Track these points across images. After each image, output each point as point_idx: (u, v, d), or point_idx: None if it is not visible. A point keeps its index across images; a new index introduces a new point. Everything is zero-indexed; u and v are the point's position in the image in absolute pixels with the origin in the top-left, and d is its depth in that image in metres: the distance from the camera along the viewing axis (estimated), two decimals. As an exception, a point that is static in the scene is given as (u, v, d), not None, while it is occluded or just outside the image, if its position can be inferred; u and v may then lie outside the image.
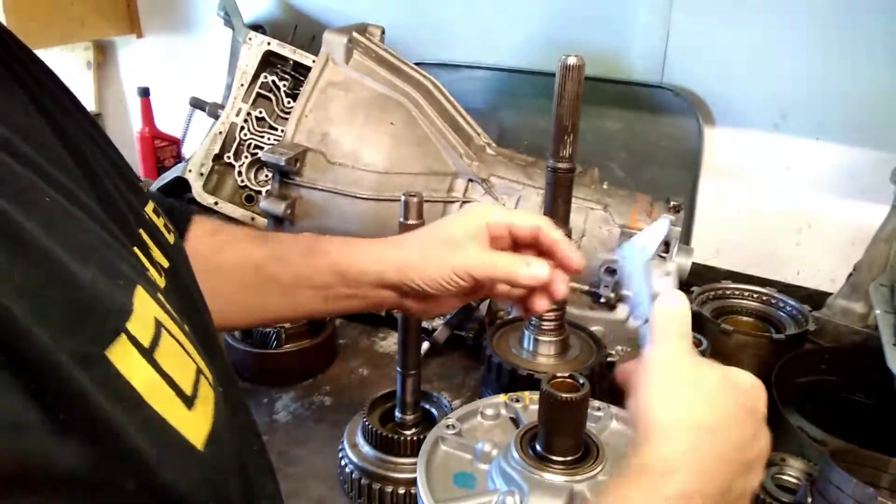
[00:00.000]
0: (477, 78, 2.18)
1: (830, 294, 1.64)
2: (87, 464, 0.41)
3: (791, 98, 1.84)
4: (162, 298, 0.52)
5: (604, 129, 2.05)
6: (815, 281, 1.79)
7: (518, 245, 0.97)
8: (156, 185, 2.24)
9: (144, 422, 0.45)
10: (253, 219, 2.06)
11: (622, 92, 2.01)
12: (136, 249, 0.60)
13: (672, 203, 1.58)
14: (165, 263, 0.66)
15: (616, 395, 1.35)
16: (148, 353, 0.47)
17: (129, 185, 0.68)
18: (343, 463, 1.18)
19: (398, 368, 1.16)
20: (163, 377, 0.47)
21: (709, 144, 1.95)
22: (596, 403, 1.12)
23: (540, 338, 1.39)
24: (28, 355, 0.39)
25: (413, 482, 1.13)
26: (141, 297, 0.49)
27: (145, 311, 0.48)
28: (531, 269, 0.90)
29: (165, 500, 0.45)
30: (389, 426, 1.22)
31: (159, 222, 0.71)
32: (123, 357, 0.45)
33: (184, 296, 0.66)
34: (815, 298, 1.66)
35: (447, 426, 1.08)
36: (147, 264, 0.61)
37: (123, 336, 0.45)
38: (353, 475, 1.16)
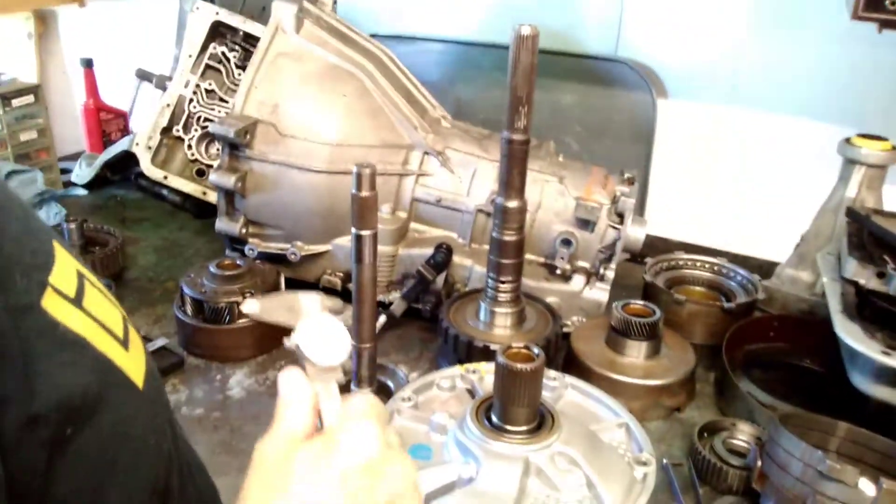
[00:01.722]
0: (433, 51, 2.16)
1: (779, 264, 1.67)
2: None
3: (742, 71, 1.86)
4: (75, 253, 0.55)
5: (559, 103, 2.05)
6: (764, 251, 1.83)
7: None
8: (102, 158, 2.18)
9: (94, 361, 0.48)
10: (204, 193, 2.01)
11: (577, 65, 2.00)
12: None
13: (626, 175, 1.59)
14: None
15: (571, 365, 1.36)
16: (76, 302, 0.49)
17: None
18: (298, 438, 1.17)
19: (353, 342, 1.15)
20: (96, 322, 0.50)
21: (662, 117, 1.96)
22: (551, 373, 1.13)
23: (496, 309, 1.39)
24: None
25: (369, 455, 1.13)
26: (60, 252, 0.51)
27: (66, 265, 0.51)
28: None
29: (111, 437, 0.48)
30: (345, 400, 1.20)
31: None
32: (56, 307, 0.47)
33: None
34: (765, 268, 1.69)
35: (403, 398, 1.08)
36: None
37: (50, 289, 0.47)
38: (309, 450, 1.14)
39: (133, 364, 0.52)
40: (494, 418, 0.97)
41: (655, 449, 1.03)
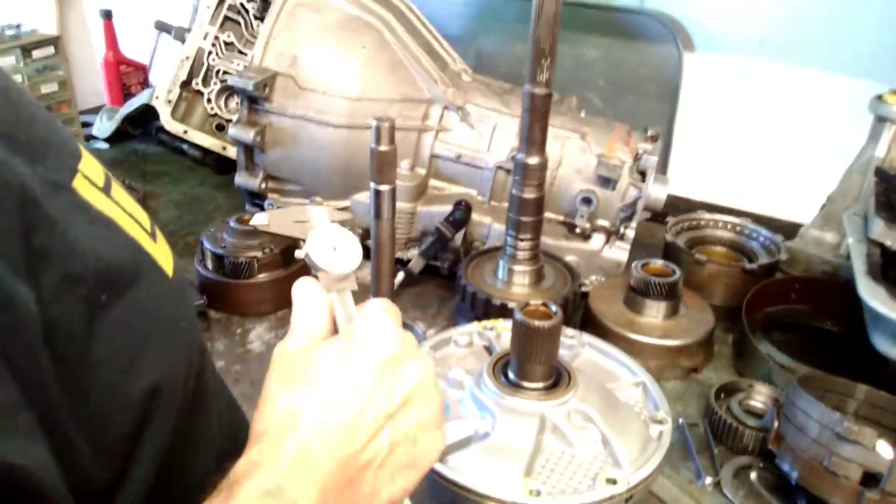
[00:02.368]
0: (455, 2, 2.12)
1: (803, 225, 1.64)
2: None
3: (771, 24, 1.80)
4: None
5: (582, 58, 2.01)
6: (788, 212, 1.80)
7: None
8: (122, 112, 2.18)
9: (125, 241, 0.51)
10: (224, 148, 2.01)
11: (602, 18, 1.96)
12: None
13: (649, 132, 1.56)
14: None
15: (588, 324, 1.36)
16: (105, 191, 0.52)
17: None
18: (316, 391, 1.18)
19: (371, 297, 1.15)
20: (124, 212, 0.53)
21: (688, 72, 1.91)
22: (569, 331, 1.13)
23: (514, 267, 1.38)
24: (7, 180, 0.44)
25: (386, 409, 1.14)
26: (85, 153, 0.54)
27: (93, 161, 0.54)
28: None
29: (142, 311, 0.51)
30: (363, 355, 1.21)
31: None
32: (87, 190, 0.50)
33: None
34: (788, 229, 1.67)
35: (420, 354, 1.08)
36: None
37: (80, 174, 0.50)
38: (327, 403, 1.16)
39: (161, 254, 0.55)
40: (511, 375, 0.97)
41: (672, 409, 1.02)
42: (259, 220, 0.72)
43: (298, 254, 0.69)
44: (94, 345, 0.47)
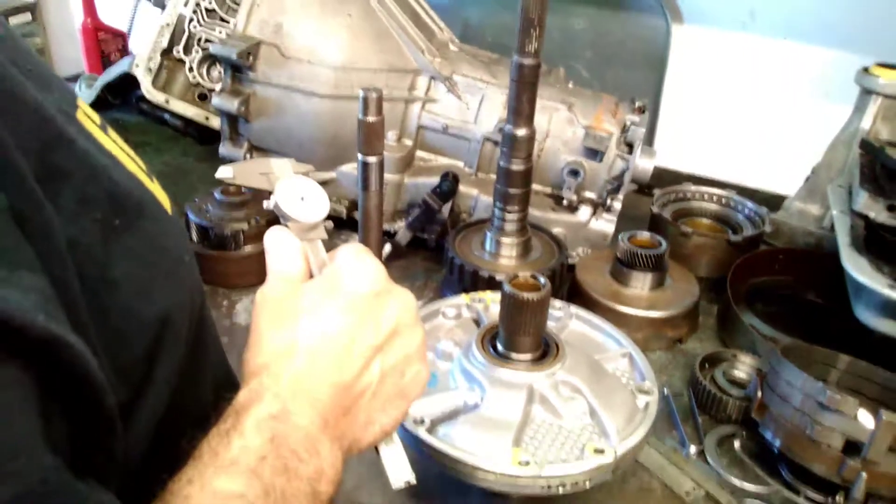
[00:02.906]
0: (440, -30, 2.08)
1: (787, 197, 1.66)
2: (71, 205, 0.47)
3: (760, -4, 1.80)
4: None
5: (569, 28, 1.99)
6: (773, 184, 1.81)
7: None
8: (102, 80, 2.13)
9: (128, 176, 0.53)
10: (207, 118, 1.97)
11: (590, -13, 1.94)
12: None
13: (637, 104, 1.56)
14: None
15: (575, 296, 1.37)
16: (102, 128, 0.54)
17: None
18: (304, 363, 1.18)
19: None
20: (121, 149, 0.55)
21: (676, 44, 1.91)
22: (556, 303, 1.14)
23: (502, 239, 1.38)
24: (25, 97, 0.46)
25: (375, 381, 1.14)
26: (81, 103, 0.56)
27: (88, 109, 0.56)
28: None
29: (153, 241, 0.53)
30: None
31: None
32: (89, 124, 0.52)
33: None
34: (773, 201, 1.68)
35: (409, 326, 1.08)
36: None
37: (81, 110, 0.52)
38: (315, 375, 1.16)
39: (159, 192, 0.57)
40: (500, 346, 0.97)
41: (657, 379, 1.04)
42: (223, 172, 0.71)
43: (267, 204, 0.69)
44: (112, 266, 0.48)
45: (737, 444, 1.13)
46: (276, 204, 0.68)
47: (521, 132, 1.29)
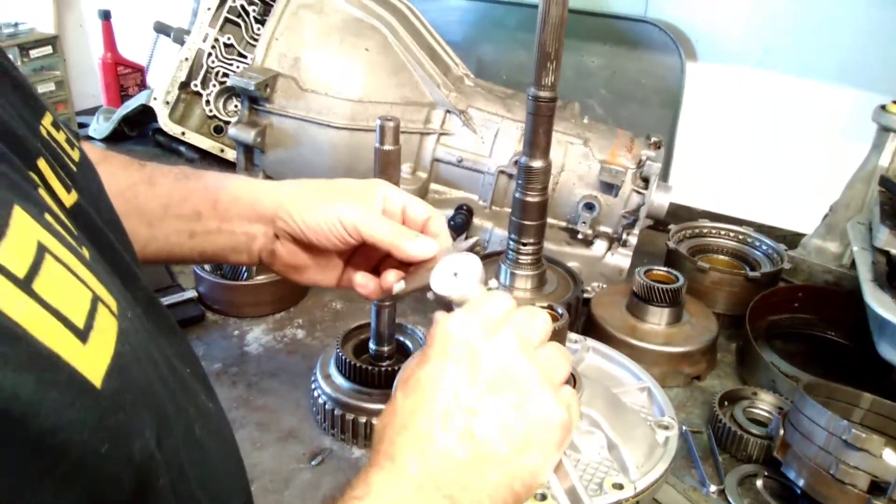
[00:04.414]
0: (457, 8, 2.11)
1: (805, 234, 1.64)
2: None
3: (775, 33, 1.80)
4: (51, 220, 0.46)
5: (584, 65, 2.01)
6: (790, 221, 1.79)
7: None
8: (119, 113, 2.16)
9: (30, 357, 0.39)
10: (222, 150, 1.99)
11: (604, 26, 1.96)
12: (39, 164, 0.53)
13: (652, 140, 1.55)
14: (70, 182, 0.58)
15: (591, 330, 1.35)
16: (24, 284, 0.41)
17: (24, 98, 0.60)
18: (316, 394, 1.16)
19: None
20: (46, 309, 0.42)
21: (690, 81, 1.92)
22: (573, 336, 1.12)
23: (517, 272, 1.37)
24: None
25: (387, 413, 1.12)
26: (19, 219, 0.43)
27: (24, 235, 0.42)
28: (418, 243, 0.84)
29: (41, 449, 0.40)
30: (364, 357, 1.20)
31: (60, 136, 0.62)
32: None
33: (92, 214, 0.60)
34: (791, 238, 1.66)
35: (423, 357, 1.06)
36: (52, 179, 0.54)
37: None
38: (326, 406, 1.14)
39: (90, 358, 0.44)
40: (516, 378, 0.95)
41: (675, 415, 1.01)
42: (398, 288, 0.83)
43: (430, 295, 0.76)
44: None
45: (759, 483, 1.09)
46: (434, 294, 0.75)
47: (537, 164, 1.28)
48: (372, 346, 1.18)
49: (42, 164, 0.54)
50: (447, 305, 0.76)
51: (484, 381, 0.64)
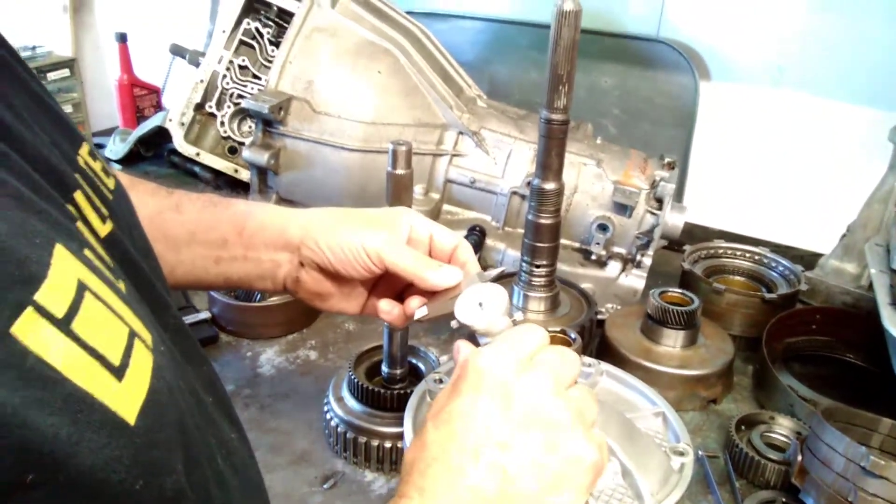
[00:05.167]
0: (469, 29, 2.13)
1: (823, 255, 1.62)
2: None
3: (790, 53, 1.80)
4: (91, 255, 0.47)
5: (597, 85, 2.01)
6: (807, 242, 1.78)
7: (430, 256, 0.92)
8: (135, 134, 2.18)
9: (65, 401, 0.40)
10: (236, 171, 2.00)
11: (617, 46, 1.96)
12: (76, 196, 0.54)
13: (666, 160, 1.55)
14: (106, 211, 0.58)
15: (605, 352, 1.34)
16: (63, 325, 0.41)
17: (61, 129, 0.60)
18: (328, 417, 1.16)
19: (385, 323, 1.13)
20: (84, 349, 0.42)
21: (704, 100, 1.91)
22: (586, 360, 1.11)
23: (530, 293, 1.36)
24: None
25: (399, 437, 1.12)
26: (60, 258, 0.43)
27: (64, 274, 0.43)
28: (441, 273, 0.85)
29: (78, 489, 0.40)
30: (376, 380, 1.19)
31: (97, 166, 0.63)
32: (32, 332, 0.39)
33: (126, 243, 0.60)
34: (808, 259, 1.65)
35: (435, 380, 1.06)
36: (88, 211, 0.55)
37: (30, 309, 0.39)
38: (339, 429, 1.13)
39: (125, 396, 0.44)
40: (529, 403, 0.95)
41: (690, 440, 1.00)
42: (420, 314, 0.84)
43: (454, 324, 0.77)
44: None
45: (777, 510, 1.07)
46: (458, 322, 0.75)
47: (550, 186, 1.28)
48: (384, 368, 1.18)
49: (79, 195, 0.54)
50: (469, 334, 0.77)
51: (516, 418, 0.64)
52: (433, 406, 0.69)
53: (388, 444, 1.11)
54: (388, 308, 0.92)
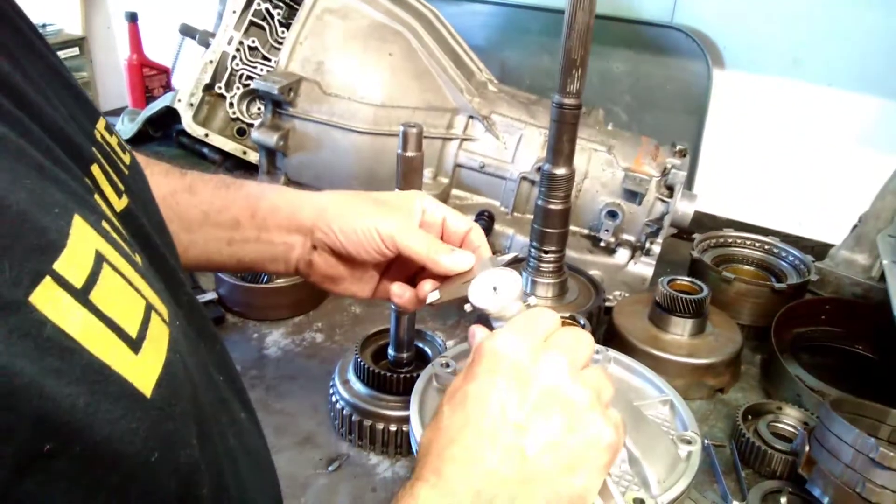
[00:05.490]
0: (481, 13, 2.11)
1: (833, 245, 1.61)
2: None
3: (805, 42, 1.78)
4: (108, 227, 0.47)
5: (609, 71, 1.99)
6: (818, 232, 1.76)
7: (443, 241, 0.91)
8: (144, 114, 2.18)
9: (83, 371, 0.40)
10: (245, 153, 2.00)
11: (630, 31, 1.94)
12: (93, 169, 0.53)
13: (677, 147, 1.54)
14: (122, 186, 0.58)
15: (612, 340, 1.33)
16: (82, 295, 0.41)
17: (79, 103, 0.60)
18: (334, 399, 1.16)
19: (392, 306, 1.13)
20: (102, 320, 0.42)
21: (717, 88, 1.89)
22: (595, 346, 1.10)
23: (538, 279, 1.36)
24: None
25: (405, 420, 1.11)
26: (79, 228, 0.43)
27: (83, 245, 0.43)
28: (454, 257, 0.85)
29: (95, 461, 0.40)
30: (382, 364, 1.19)
31: (113, 140, 0.63)
32: (50, 301, 0.39)
33: (142, 218, 0.60)
34: (818, 249, 1.63)
35: (442, 364, 1.05)
36: (104, 185, 0.54)
37: (49, 278, 0.39)
38: (344, 412, 1.13)
39: (142, 368, 0.44)
40: (536, 389, 0.94)
41: (698, 429, 0.99)
42: (432, 298, 0.84)
43: (467, 307, 0.77)
44: (19, 500, 0.38)
45: (783, 500, 1.07)
46: (471, 306, 0.75)
47: (560, 171, 1.27)
48: (391, 352, 1.18)
49: (95, 169, 0.54)
50: (483, 318, 0.77)
51: (532, 400, 0.64)
52: (449, 389, 0.68)
53: (393, 428, 1.11)
54: (399, 291, 0.91)
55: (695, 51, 1.86)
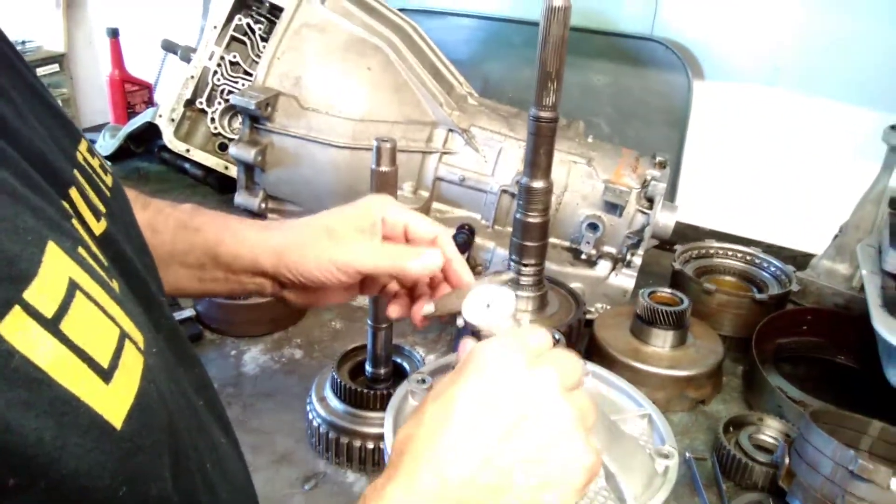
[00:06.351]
0: (463, 26, 2.11)
1: (815, 255, 1.61)
2: None
3: (784, 52, 1.78)
4: (84, 253, 0.46)
5: (590, 84, 1.99)
6: (799, 242, 1.76)
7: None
8: (125, 130, 2.17)
9: (51, 403, 0.39)
10: (226, 167, 1.99)
11: (611, 44, 1.94)
12: (71, 193, 0.52)
13: (658, 159, 1.53)
14: (103, 208, 0.57)
15: (593, 352, 1.32)
16: (52, 324, 0.40)
17: (60, 124, 0.59)
18: (311, 417, 1.15)
19: (369, 322, 1.12)
20: (72, 350, 0.41)
21: (697, 100, 1.90)
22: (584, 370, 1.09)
23: (518, 293, 1.35)
24: None
25: (383, 437, 1.10)
26: (52, 255, 0.42)
27: (55, 272, 0.42)
28: (421, 260, 0.84)
29: (62, 494, 0.39)
30: (360, 380, 1.18)
31: (95, 162, 0.62)
32: (19, 331, 0.38)
33: (122, 242, 0.59)
34: (800, 259, 1.63)
35: (418, 380, 1.04)
36: (83, 208, 0.53)
37: (18, 307, 0.38)
38: (321, 429, 1.12)
39: (113, 399, 0.43)
40: (511, 404, 0.93)
41: (678, 442, 0.99)
42: (427, 310, 0.85)
43: (459, 322, 0.78)
44: None
45: (763, 514, 1.06)
46: (464, 321, 0.76)
47: (538, 184, 1.27)
48: (368, 368, 1.16)
49: (74, 192, 0.53)
50: (475, 334, 0.76)
51: (519, 412, 0.62)
52: (435, 388, 0.67)
53: (370, 445, 1.10)
54: (397, 308, 0.93)
55: (675, 62, 1.87)
